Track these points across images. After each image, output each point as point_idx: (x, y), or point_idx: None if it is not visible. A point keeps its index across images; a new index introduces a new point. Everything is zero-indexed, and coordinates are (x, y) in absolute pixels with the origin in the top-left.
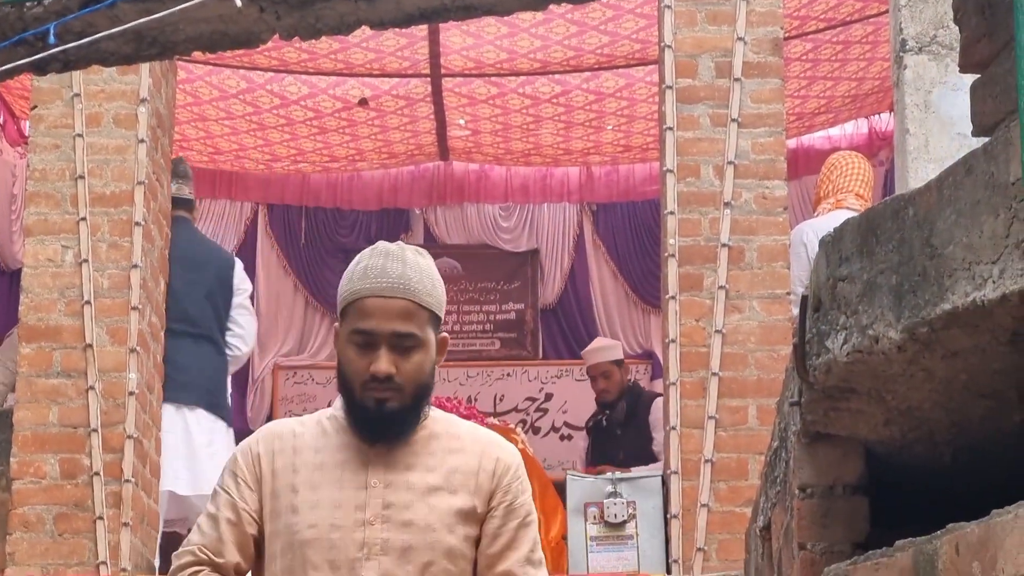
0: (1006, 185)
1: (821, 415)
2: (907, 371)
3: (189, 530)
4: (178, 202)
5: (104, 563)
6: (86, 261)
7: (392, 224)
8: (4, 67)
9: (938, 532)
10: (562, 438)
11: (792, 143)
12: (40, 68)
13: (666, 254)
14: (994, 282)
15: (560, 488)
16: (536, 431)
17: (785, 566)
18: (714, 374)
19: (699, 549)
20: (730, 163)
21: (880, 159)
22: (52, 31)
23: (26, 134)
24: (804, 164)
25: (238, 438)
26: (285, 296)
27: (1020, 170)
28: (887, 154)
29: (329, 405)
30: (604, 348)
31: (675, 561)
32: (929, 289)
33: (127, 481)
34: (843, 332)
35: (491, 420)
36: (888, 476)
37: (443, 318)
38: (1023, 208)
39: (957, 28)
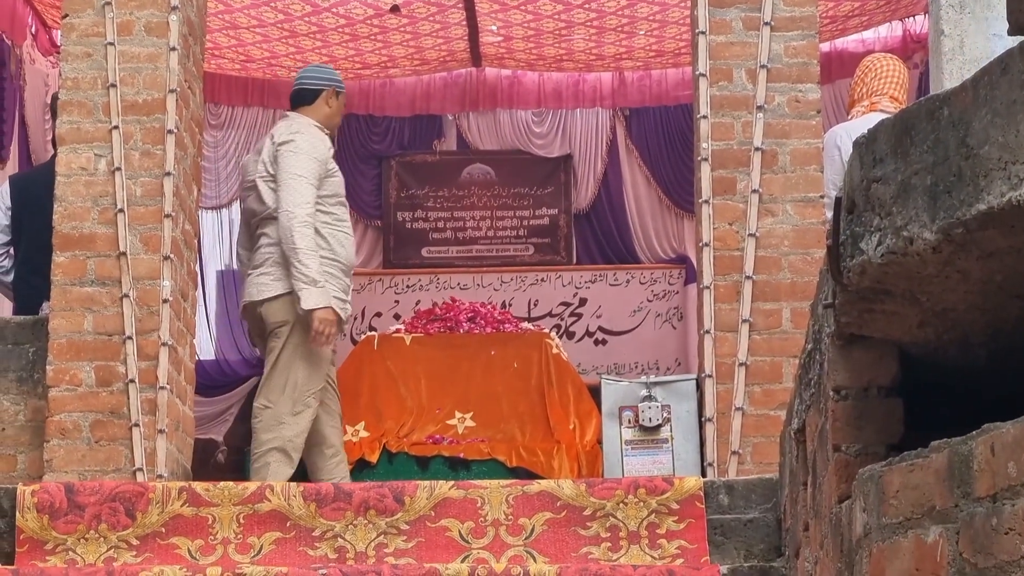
0: None
1: (855, 317)
2: (942, 272)
3: None
4: None
5: (140, 470)
6: (119, 169)
7: (425, 130)
8: None
9: (973, 433)
10: (596, 343)
11: (825, 46)
12: None
13: (699, 158)
14: None
15: (595, 393)
16: (570, 336)
17: (820, 468)
18: (748, 277)
19: (734, 452)
20: (763, 67)
21: (915, 62)
22: None
23: (58, 43)
24: (838, 67)
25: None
26: None
27: None
28: (922, 56)
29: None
30: None
31: (710, 464)
32: (964, 189)
33: (162, 388)
34: (877, 233)
35: (525, 325)
36: (923, 378)
37: None
38: None
39: None
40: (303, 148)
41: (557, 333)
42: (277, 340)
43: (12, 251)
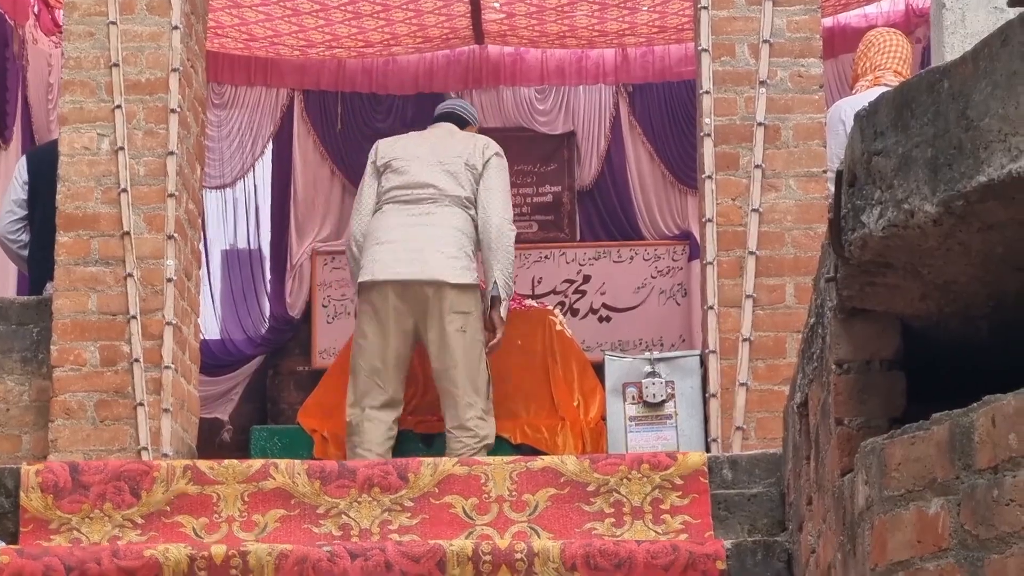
0: None
1: (857, 290)
2: (943, 245)
3: None
4: None
5: (145, 448)
6: (122, 149)
7: (428, 108)
8: None
9: (974, 405)
10: (600, 320)
11: (828, 21)
12: None
13: (702, 133)
14: None
15: (598, 369)
16: (574, 313)
17: (822, 442)
18: (751, 253)
19: (738, 428)
20: (765, 42)
21: (917, 36)
22: None
23: (60, 23)
24: (840, 42)
25: (277, 322)
26: (322, 182)
27: None
28: (924, 31)
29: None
30: None
31: (714, 440)
32: (964, 162)
33: (167, 367)
34: (878, 207)
35: (529, 302)
36: (925, 352)
37: None
38: None
39: None
40: (506, 168)
41: (561, 310)
42: (456, 329)
43: (30, 226)
